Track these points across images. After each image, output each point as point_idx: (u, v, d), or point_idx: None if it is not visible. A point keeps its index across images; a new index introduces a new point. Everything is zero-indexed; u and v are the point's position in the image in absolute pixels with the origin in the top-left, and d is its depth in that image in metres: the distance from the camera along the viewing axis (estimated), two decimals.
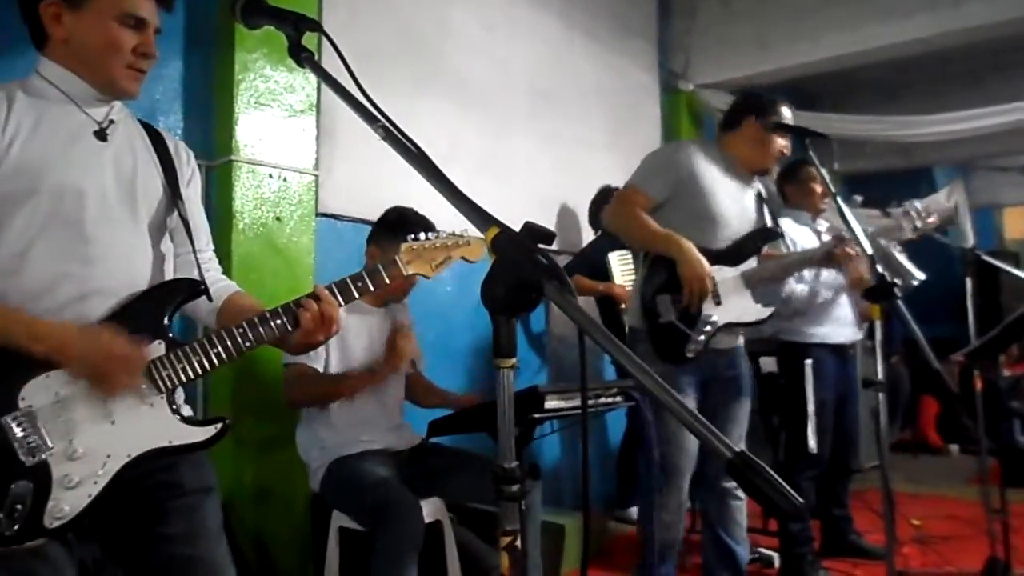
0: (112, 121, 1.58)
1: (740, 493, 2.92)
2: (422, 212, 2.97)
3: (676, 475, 2.80)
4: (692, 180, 2.79)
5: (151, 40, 1.54)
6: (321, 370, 2.61)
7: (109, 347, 1.43)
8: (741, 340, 2.98)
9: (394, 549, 2.29)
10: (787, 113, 2.86)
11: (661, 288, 2.72)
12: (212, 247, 1.79)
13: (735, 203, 2.86)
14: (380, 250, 2.75)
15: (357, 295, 1.66)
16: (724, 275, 2.77)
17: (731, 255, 2.81)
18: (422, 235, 1.81)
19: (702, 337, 2.71)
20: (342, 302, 1.64)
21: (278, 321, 1.57)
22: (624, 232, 2.91)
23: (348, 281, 1.66)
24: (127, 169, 1.58)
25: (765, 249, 2.95)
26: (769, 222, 2.97)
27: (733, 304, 2.78)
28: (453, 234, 1.84)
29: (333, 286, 1.65)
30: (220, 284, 1.74)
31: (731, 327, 2.79)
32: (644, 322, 2.74)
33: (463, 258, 1.83)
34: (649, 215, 2.76)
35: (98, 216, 1.51)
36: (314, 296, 1.59)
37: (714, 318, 2.73)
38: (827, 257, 2.90)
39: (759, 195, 2.99)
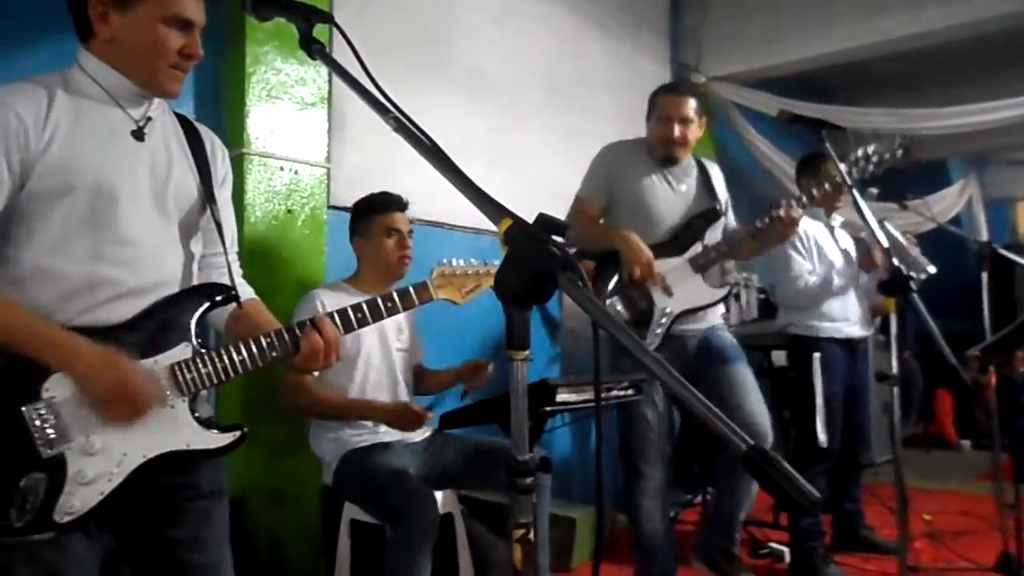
0: (150, 119, 1.58)
1: None
2: (435, 205, 2.98)
3: (644, 464, 2.86)
4: (620, 177, 2.95)
5: (196, 41, 1.54)
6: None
7: (124, 379, 1.42)
8: (716, 322, 3.02)
9: (409, 541, 2.28)
10: (669, 100, 2.94)
11: (610, 292, 2.83)
12: (236, 247, 1.80)
13: (666, 194, 2.96)
14: (364, 240, 2.79)
15: (386, 315, 1.73)
16: (670, 265, 2.85)
17: (673, 245, 2.91)
18: (454, 260, 1.85)
19: (659, 331, 2.81)
20: (371, 321, 1.71)
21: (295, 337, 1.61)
22: (580, 242, 3.02)
23: (378, 301, 1.72)
24: (162, 170, 1.58)
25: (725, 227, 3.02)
26: (719, 201, 3.01)
27: (684, 291, 2.86)
28: (485, 263, 1.88)
29: (364, 305, 1.70)
30: (241, 289, 1.75)
31: (688, 314, 2.87)
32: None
33: (492, 288, 1.87)
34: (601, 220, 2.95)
35: (132, 217, 1.51)
36: (317, 326, 1.62)
37: (668, 309, 2.83)
38: (773, 226, 2.91)
39: (703, 177, 3.04)
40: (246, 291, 1.78)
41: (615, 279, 2.84)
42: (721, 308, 3.08)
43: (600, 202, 2.97)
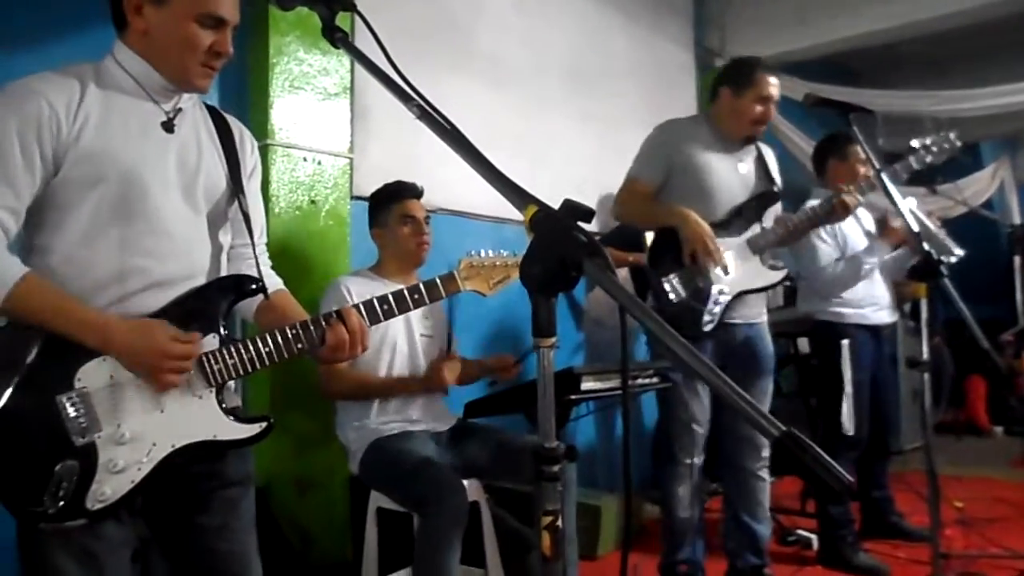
0: (180, 110, 1.59)
1: (762, 473, 2.92)
2: (459, 195, 2.97)
3: (680, 451, 2.84)
4: (681, 158, 2.87)
5: (227, 40, 1.55)
6: None
7: (160, 344, 1.45)
8: (763, 317, 2.97)
9: (440, 529, 2.29)
10: (768, 80, 2.86)
11: (666, 270, 2.79)
12: (265, 239, 1.81)
13: (729, 174, 2.89)
14: (382, 229, 2.81)
15: (413, 307, 1.73)
16: (728, 245, 2.81)
17: (732, 224, 2.86)
18: (482, 252, 1.84)
19: (717, 308, 2.76)
20: (396, 312, 1.71)
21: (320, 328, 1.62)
22: (632, 219, 3.05)
23: (405, 292, 1.72)
24: (191, 161, 1.59)
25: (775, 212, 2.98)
26: (776, 184, 2.96)
27: (741, 272, 2.82)
28: (514, 254, 1.88)
29: (390, 297, 1.70)
30: (269, 280, 1.76)
31: (744, 295, 2.83)
32: (654, 305, 2.76)
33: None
34: (655, 199, 2.89)
35: (162, 208, 1.53)
36: (342, 318, 1.62)
37: (725, 289, 2.78)
38: (830, 211, 2.89)
39: (760, 159, 2.99)
40: (274, 282, 1.79)
41: (671, 256, 2.79)
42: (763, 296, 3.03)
43: (657, 182, 2.89)
